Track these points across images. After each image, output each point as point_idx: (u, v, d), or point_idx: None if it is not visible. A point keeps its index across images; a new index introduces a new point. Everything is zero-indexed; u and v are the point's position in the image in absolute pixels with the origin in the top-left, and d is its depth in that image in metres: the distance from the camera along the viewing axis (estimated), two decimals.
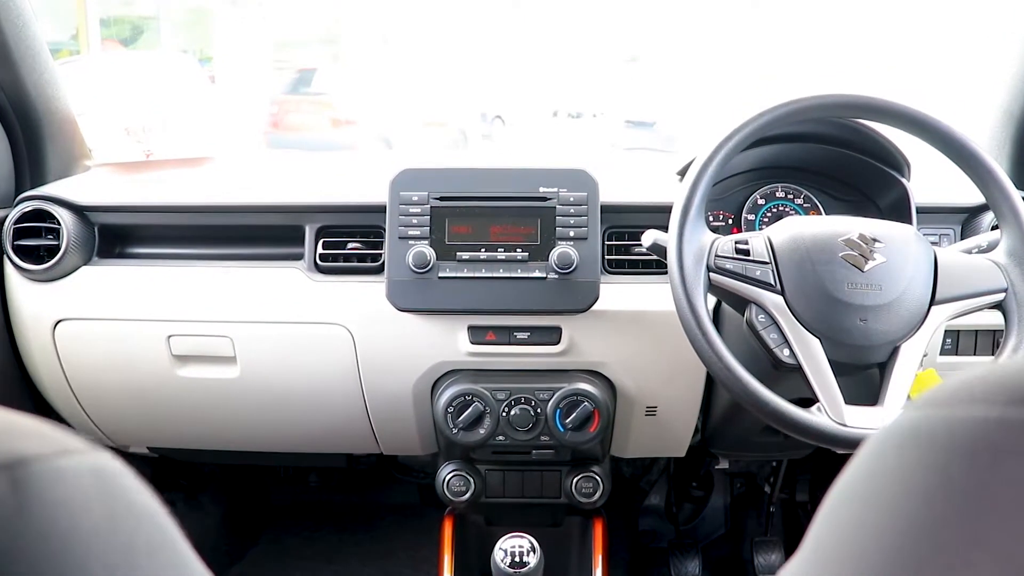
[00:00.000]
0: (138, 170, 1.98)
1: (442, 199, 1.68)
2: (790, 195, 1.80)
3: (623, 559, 2.56)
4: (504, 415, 1.69)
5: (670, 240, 1.40)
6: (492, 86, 15.25)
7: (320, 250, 1.74)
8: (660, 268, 1.54)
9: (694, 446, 1.94)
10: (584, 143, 11.47)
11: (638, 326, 1.70)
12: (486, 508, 1.96)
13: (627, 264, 1.73)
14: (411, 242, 1.66)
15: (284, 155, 2.41)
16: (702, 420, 1.86)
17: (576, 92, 17.88)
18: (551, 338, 1.71)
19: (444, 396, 1.69)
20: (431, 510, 1.86)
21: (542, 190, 1.68)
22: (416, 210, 1.67)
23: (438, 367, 1.75)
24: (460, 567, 1.93)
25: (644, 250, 1.48)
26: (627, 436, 1.87)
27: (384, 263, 1.69)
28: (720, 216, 1.80)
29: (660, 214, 1.67)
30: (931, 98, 1.49)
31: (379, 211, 1.70)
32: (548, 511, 1.97)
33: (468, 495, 1.82)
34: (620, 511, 2.54)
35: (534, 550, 1.63)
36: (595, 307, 1.65)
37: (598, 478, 1.81)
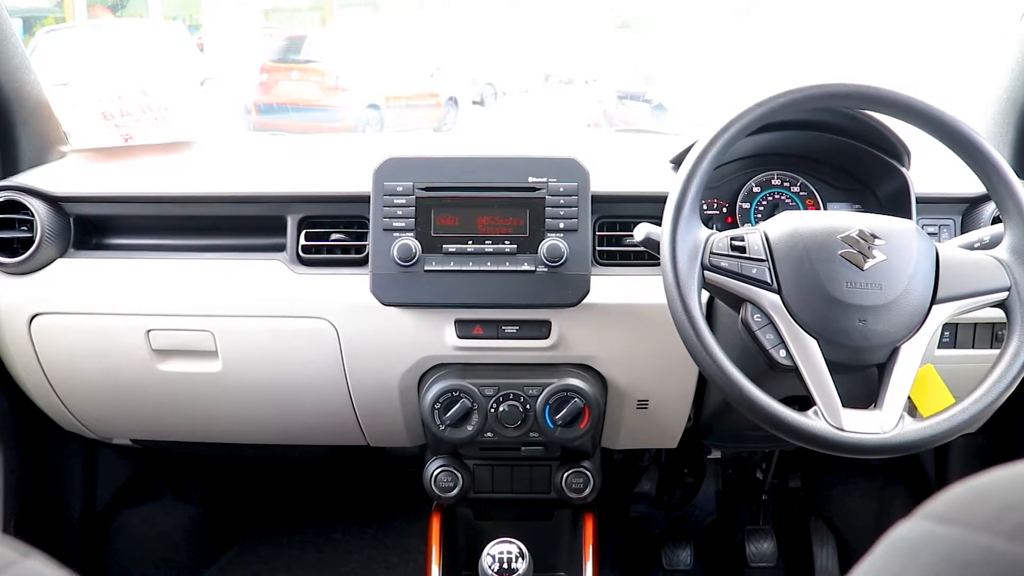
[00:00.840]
0: (116, 156, 1.92)
1: (427, 189, 1.63)
2: (786, 183, 1.76)
3: (613, 548, 2.54)
4: (492, 411, 1.66)
5: (663, 237, 1.35)
6: (483, 52, 15.15)
7: (303, 241, 1.70)
8: (652, 260, 1.50)
9: (686, 435, 1.90)
10: (576, 111, 11.38)
11: (629, 320, 1.66)
12: (475, 502, 1.93)
13: (619, 256, 1.68)
14: (396, 234, 1.61)
15: (267, 139, 2.34)
16: (695, 412, 1.83)
17: (567, 58, 17.78)
18: (540, 332, 1.67)
19: (430, 392, 1.66)
20: (420, 501, 1.83)
21: (531, 180, 1.63)
22: (401, 201, 1.62)
23: (425, 361, 1.71)
24: (448, 561, 1.91)
25: (635, 239, 1.44)
26: (618, 429, 1.84)
27: (368, 255, 1.64)
28: (714, 205, 1.76)
29: (653, 204, 1.63)
30: (929, 92, 1.44)
31: (363, 201, 1.65)
32: (538, 504, 1.94)
33: (456, 491, 1.78)
34: (611, 498, 2.52)
35: (523, 555, 1.60)
36: (586, 300, 1.61)
37: (589, 473, 1.78)
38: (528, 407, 1.66)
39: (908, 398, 1.32)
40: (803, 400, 1.33)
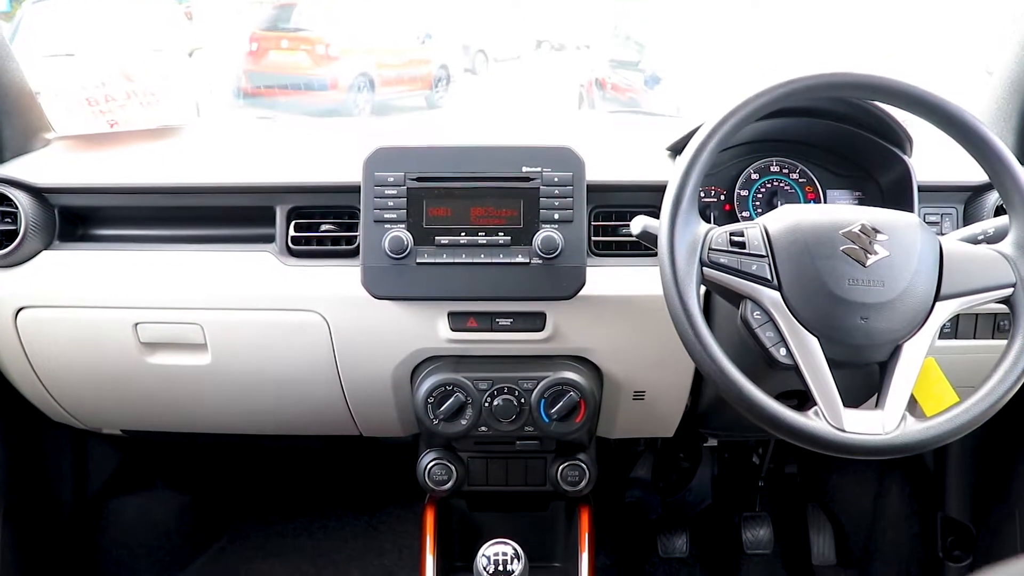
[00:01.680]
0: (102, 143, 1.88)
1: (419, 180, 1.59)
2: (785, 170, 1.73)
3: (609, 536, 2.52)
4: (486, 406, 1.63)
5: (661, 233, 1.32)
6: (474, 18, 14.99)
7: (292, 232, 1.66)
8: (649, 250, 1.47)
9: (683, 423, 1.88)
10: (568, 79, 11.29)
11: (626, 311, 1.63)
12: (469, 494, 1.91)
13: (614, 246, 1.65)
14: (387, 226, 1.58)
15: (255, 125, 2.30)
16: (692, 401, 1.80)
17: (559, 23, 17.61)
18: (535, 324, 1.64)
19: (423, 386, 1.63)
20: (413, 488, 1.81)
21: (525, 170, 1.60)
22: (392, 192, 1.59)
23: (417, 354, 1.69)
24: (442, 552, 1.89)
25: (632, 233, 1.41)
26: (614, 419, 1.82)
27: (359, 246, 1.61)
28: (712, 192, 1.73)
29: (649, 193, 1.60)
30: (930, 83, 1.40)
31: (353, 191, 1.62)
32: (533, 496, 1.92)
33: (450, 484, 1.77)
34: (605, 483, 2.51)
35: (518, 557, 1.58)
36: (581, 292, 1.58)
37: (584, 466, 1.76)
38: (523, 401, 1.63)
39: (912, 398, 1.30)
40: (801, 395, 1.31)
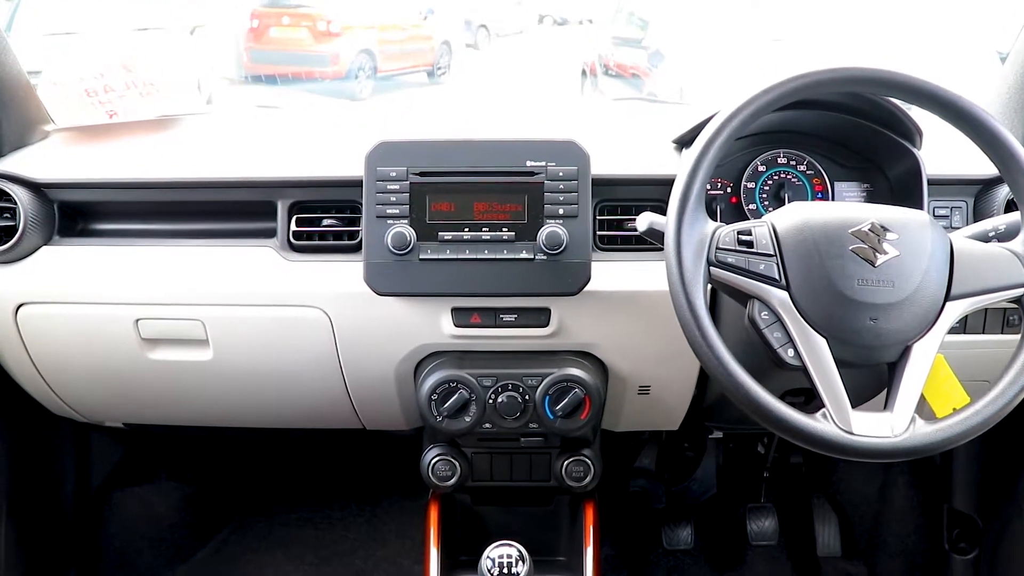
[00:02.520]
0: (101, 135, 1.85)
1: (422, 175, 1.57)
2: (792, 161, 1.71)
3: (613, 528, 2.52)
4: (491, 402, 1.62)
5: (668, 232, 1.30)
6: None
7: (293, 227, 1.64)
8: (655, 245, 1.45)
9: (688, 416, 1.87)
10: (571, 55, 11.22)
11: (631, 306, 1.62)
12: (473, 489, 1.90)
13: (620, 240, 1.63)
14: (389, 221, 1.56)
15: (256, 116, 2.26)
16: (697, 395, 1.79)
17: None
18: (540, 320, 1.62)
19: (427, 383, 1.62)
20: (417, 480, 1.80)
21: (529, 164, 1.58)
22: (394, 187, 1.57)
23: (421, 349, 1.67)
24: (446, 547, 1.88)
25: (638, 230, 1.39)
26: (619, 413, 1.80)
27: (361, 242, 1.59)
28: (718, 184, 1.70)
29: (656, 187, 1.58)
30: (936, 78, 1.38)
31: (355, 185, 1.60)
32: (537, 491, 1.91)
33: (454, 479, 1.76)
34: (610, 473, 2.50)
35: (523, 559, 1.57)
36: (586, 287, 1.56)
37: (589, 461, 1.75)
38: (527, 398, 1.62)
39: (923, 398, 1.28)
40: (808, 392, 1.29)
